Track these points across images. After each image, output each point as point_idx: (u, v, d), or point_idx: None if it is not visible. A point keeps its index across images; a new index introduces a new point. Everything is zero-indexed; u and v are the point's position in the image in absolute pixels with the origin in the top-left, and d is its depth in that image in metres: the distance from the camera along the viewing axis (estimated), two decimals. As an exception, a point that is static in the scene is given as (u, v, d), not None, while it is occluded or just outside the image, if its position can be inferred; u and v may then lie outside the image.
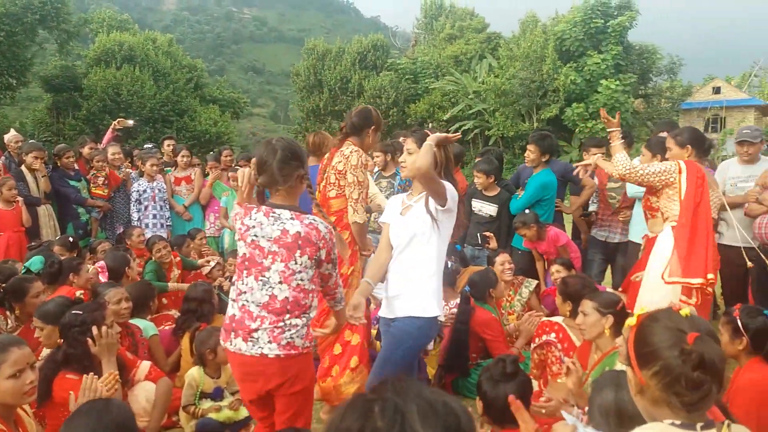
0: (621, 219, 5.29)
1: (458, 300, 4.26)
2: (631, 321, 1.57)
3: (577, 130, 25.50)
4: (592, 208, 5.62)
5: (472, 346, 4.22)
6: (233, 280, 2.66)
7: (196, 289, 4.44)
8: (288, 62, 73.74)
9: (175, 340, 4.30)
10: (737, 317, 2.84)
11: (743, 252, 4.68)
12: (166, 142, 8.36)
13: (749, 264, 4.39)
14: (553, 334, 3.61)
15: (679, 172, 3.66)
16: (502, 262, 4.76)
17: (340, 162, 3.63)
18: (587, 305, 3.14)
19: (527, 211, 5.02)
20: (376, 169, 5.83)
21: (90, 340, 2.99)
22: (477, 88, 29.20)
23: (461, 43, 34.02)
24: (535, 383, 3.36)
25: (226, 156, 7.84)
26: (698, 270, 3.49)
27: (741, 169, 4.97)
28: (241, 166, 6.66)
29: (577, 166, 4.55)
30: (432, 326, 2.98)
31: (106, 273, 4.65)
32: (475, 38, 34.04)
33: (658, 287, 3.64)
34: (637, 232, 4.98)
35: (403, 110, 30.94)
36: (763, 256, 4.40)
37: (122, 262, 4.72)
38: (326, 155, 3.90)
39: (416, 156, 2.80)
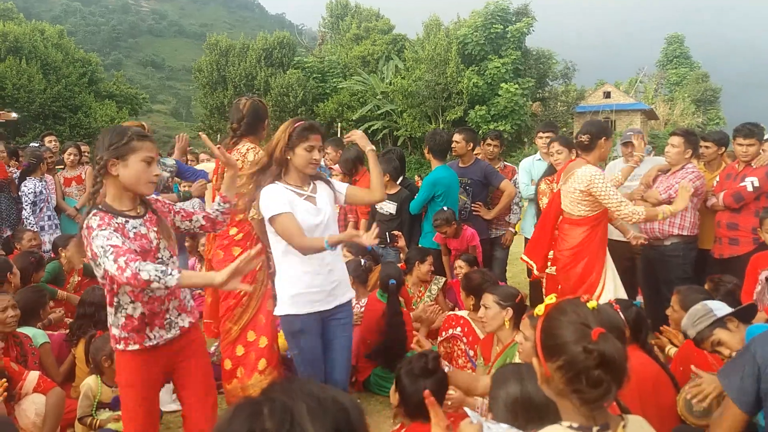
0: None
1: (366, 299, 4.28)
2: (539, 310, 1.56)
3: (480, 131, 26.43)
4: (513, 219, 5.77)
5: (376, 341, 4.25)
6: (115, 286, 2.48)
7: (93, 293, 4.18)
8: (189, 57, 71.32)
9: (68, 347, 4.05)
10: (618, 310, 3.00)
11: (629, 246, 5.08)
12: (47, 139, 7.77)
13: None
14: (459, 328, 3.72)
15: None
16: (431, 263, 4.85)
17: (238, 161, 3.55)
18: (488, 298, 3.26)
19: (446, 208, 5.13)
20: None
21: None
22: (385, 89, 29.55)
23: (368, 44, 34.28)
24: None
25: None
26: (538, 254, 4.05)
27: (625, 168, 5.32)
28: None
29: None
30: None
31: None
32: (382, 39, 34.42)
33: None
34: (528, 227, 5.36)
35: (312, 109, 30.77)
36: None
37: (4, 268, 4.33)
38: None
39: None
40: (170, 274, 2.10)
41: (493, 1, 27.91)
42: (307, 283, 2.94)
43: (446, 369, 2.70)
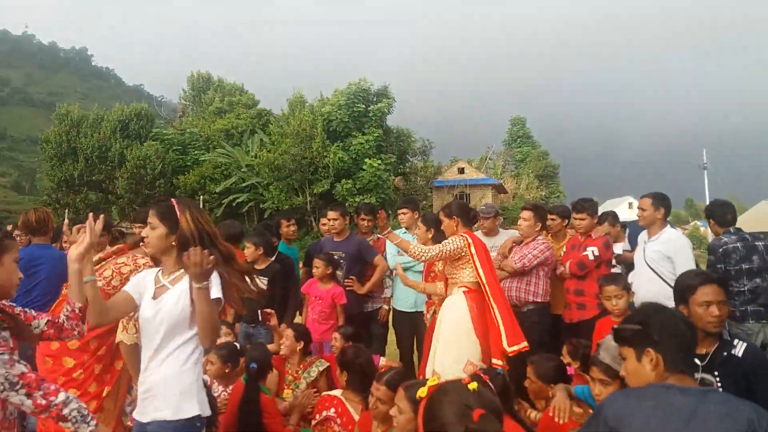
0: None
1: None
2: (422, 392, 1.59)
3: (347, 204, 26.94)
4: (388, 293, 5.79)
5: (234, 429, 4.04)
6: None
7: None
8: (36, 127, 66.38)
9: None
10: (487, 380, 3.10)
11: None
12: None
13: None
14: (332, 409, 3.62)
15: (468, 246, 4.11)
16: (287, 336, 4.69)
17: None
18: (400, 398, 2.63)
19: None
20: None
21: None
22: (250, 162, 29.39)
23: (231, 117, 34.17)
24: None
25: None
26: (518, 334, 3.96)
27: (485, 240, 5.66)
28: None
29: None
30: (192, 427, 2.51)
31: None
32: (246, 113, 34.49)
33: (452, 348, 3.97)
34: (400, 299, 5.55)
35: (171, 181, 29.70)
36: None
37: None
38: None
39: None
40: None
41: (355, 83, 29.24)
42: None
43: None
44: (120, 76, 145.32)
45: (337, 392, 3.80)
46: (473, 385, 1.56)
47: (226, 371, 4.30)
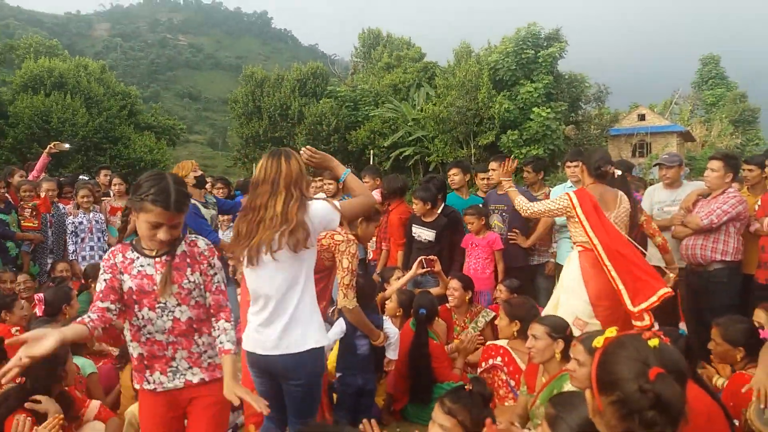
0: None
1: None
2: (598, 342, 1.51)
3: (512, 156, 26.28)
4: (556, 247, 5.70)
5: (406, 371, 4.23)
6: (125, 321, 2.51)
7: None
8: (225, 89, 72.99)
9: (116, 375, 4.15)
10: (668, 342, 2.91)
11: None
12: (102, 173, 8.14)
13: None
14: (498, 358, 3.67)
15: (573, 207, 3.88)
16: (455, 287, 4.82)
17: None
18: (538, 329, 3.17)
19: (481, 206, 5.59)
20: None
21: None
22: (416, 116, 29.73)
23: (399, 72, 34.64)
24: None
25: None
26: (646, 290, 3.65)
27: (666, 193, 5.25)
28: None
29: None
30: None
31: (43, 306, 4.42)
32: (413, 67, 34.74)
33: (563, 306, 3.84)
34: (563, 255, 5.26)
35: (344, 137, 31.11)
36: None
37: (62, 299, 4.48)
38: None
39: None
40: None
41: (525, 27, 27.99)
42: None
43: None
44: (296, 37, 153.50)
45: (502, 342, 3.83)
46: (654, 342, 1.44)
47: (398, 314, 4.53)
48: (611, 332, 1.52)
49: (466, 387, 2.49)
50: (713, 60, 53.39)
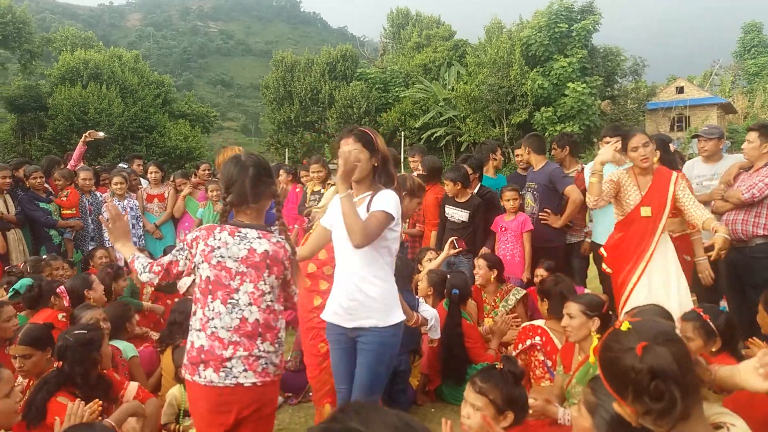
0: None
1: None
2: (591, 357, 1.62)
3: (546, 133, 25.90)
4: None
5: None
6: (195, 307, 2.49)
7: (184, 303, 4.36)
8: (256, 75, 73.60)
9: (157, 358, 4.26)
10: (707, 320, 2.83)
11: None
12: (135, 162, 8.30)
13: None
14: (537, 338, 3.64)
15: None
16: (480, 266, 4.79)
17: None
18: (573, 307, 3.16)
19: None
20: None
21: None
22: (447, 96, 29.48)
23: (429, 51, 34.32)
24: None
25: (203, 170, 8.02)
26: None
27: (706, 168, 5.10)
28: (218, 180, 6.65)
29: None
30: None
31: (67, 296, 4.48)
32: (443, 46, 34.38)
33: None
34: (600, 233, 5.09)
35: (375, 119, 31.07)
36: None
37: (81, 286, 4.41)
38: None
39: None
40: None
41: (557, 1, 27.38)
42: (333, 292, 2.91)
43: None
44: (326, 20, 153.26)
45: (540, 322, 3.81)
46: (625, 325, 1.50)
47: (429, 293, 4.53)
48: (594, 342, 1.64)
49: (497, 366, 2.48)
50: (755, 27, 51.33)
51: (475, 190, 5.60)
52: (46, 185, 6.75)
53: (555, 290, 3.77)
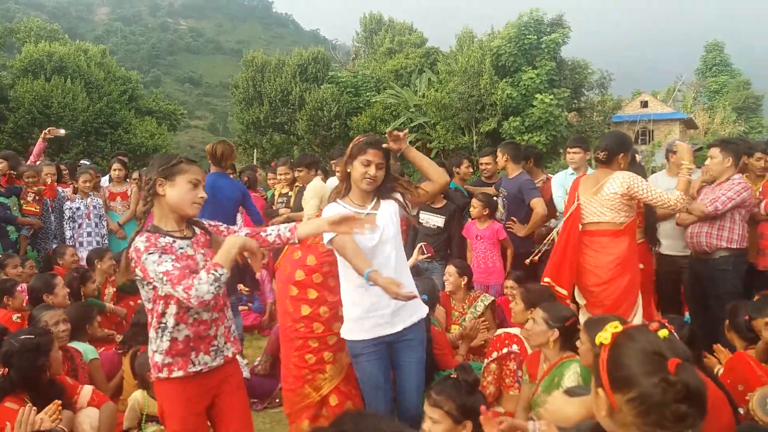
0: None
1: None
2: (603, 338, 1.44)
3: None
4: None
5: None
6: (157, 311, 2.44)
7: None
8: (226, 74, 72.69)
9: (119, 360, 4.14)
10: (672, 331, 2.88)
11: (675, 260, 4.99)
12: (114, 166, 7.81)
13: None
14: (515, 346, 3.65)
15: None
16: (450, 272, 4.79)
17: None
18: (538, 314, 3.20)
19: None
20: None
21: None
22: (418, 102, 29.60)
23: (401, 58, 34.42)
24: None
25: None
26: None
27: (669, 180, 5.20)
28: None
29: None
30: None
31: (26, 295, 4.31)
32: (415, 53, 34.52)
33: None
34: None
35: (346, 123, 30.99)
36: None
37: (43, 288, 4.22)
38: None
39: None
40: (219, 273, 2.18)
41: (527, 13, 27.76)
42: (367, 306, 2.84)
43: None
44: (298, 21, 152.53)
45: (515, 330, 3.81)
46: (664, 333, 1.39)
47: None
48: (615, 326, 1.44)
49: (452, 375, 2.47)
50: (717, 47, 52.98)
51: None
52: (14, 177, 6.49)
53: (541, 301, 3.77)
